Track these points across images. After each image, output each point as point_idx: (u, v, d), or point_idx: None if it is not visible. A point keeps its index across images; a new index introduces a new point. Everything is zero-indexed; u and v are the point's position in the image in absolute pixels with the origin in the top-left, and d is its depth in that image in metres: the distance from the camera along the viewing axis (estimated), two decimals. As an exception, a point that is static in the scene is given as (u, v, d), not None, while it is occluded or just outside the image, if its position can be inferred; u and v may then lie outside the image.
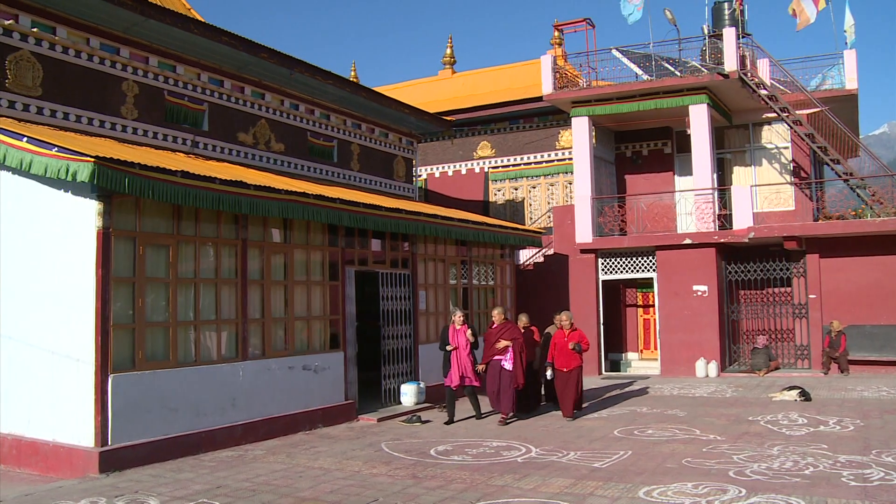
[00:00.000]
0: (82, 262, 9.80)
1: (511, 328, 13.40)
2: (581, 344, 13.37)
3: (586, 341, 13.56)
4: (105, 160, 9.20)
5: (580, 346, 13.33)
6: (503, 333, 13.14)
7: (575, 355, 13.38)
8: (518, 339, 13.16)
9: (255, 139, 15.82)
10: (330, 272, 13.75)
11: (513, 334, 13.19)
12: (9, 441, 10.36)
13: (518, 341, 13.13)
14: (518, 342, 13.12)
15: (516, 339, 13.12)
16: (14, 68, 11.54)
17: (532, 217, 24.71)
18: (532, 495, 8.08)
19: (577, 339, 13.42)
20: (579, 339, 13.46)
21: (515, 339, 13.11)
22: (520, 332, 13.45)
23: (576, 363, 13.40)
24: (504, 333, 13.14)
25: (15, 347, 10.47)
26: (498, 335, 13.15)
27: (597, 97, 21.11)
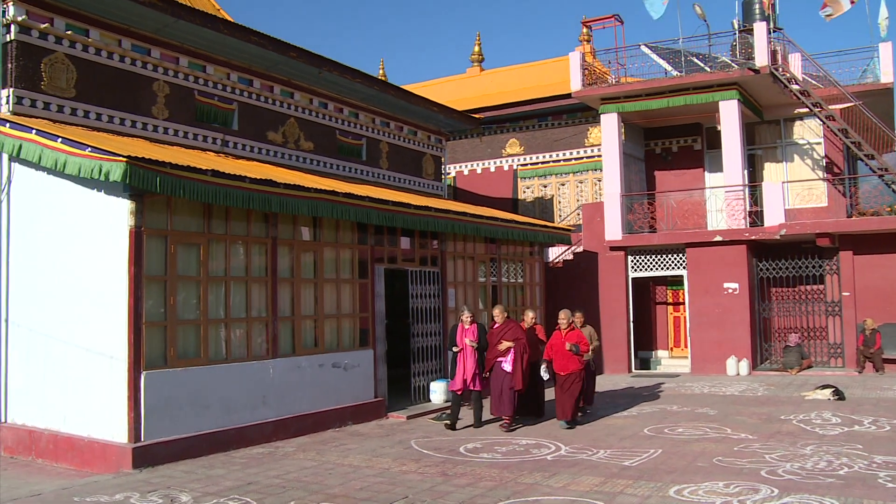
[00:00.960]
0: (115, 260, 9.92)
1: (513, 328, 12.63)
2: (579, 345, 12.39)
3: (585, 342, 12.60)
4: (137, 160, 9.31)
5: (578, 348, 12.33)
6: (505, 334, 12.46)
7: (573, 358, 12.34)
8: (520, 339, 12.44)
9: (284, 138, 15.90)
10: (359, 270, 13.79)
11: (515, 334, 12.48)
12: (45, 436, 10.53)
13: (520, 342, 12.40)
14: (520, 343, 12.40)
15: (518, 339, 12.43)
16: (49, 71, 11.70)
17: (561, 214, 24.62)
18: (561, 493, 8.07)
19: (576, 340, 12.43)
20: (577, 339, 12.48)
21: (517, 339, 12.42)
22: (522, 332, 12.66)
23: (574, 366, 12.33)
24: (506, 334, 12.46)
25: (51, 345, 10.64)
26: (500, 336, 12.48)
27: (626, 94, 20.99)
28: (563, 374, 12.32)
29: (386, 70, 30.66)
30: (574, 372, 12.29)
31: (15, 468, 10.18)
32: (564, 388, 12.31)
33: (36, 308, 10.96)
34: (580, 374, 12.38)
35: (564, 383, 12.32)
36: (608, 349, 20.64)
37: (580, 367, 12.37)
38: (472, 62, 30.07)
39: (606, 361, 20.68)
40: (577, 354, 12.33)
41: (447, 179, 22.76)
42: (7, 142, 10.61)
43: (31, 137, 10.26)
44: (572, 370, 12.29)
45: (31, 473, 9.81)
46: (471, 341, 12.37)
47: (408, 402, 14.67)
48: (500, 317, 12.72)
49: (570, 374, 12.29)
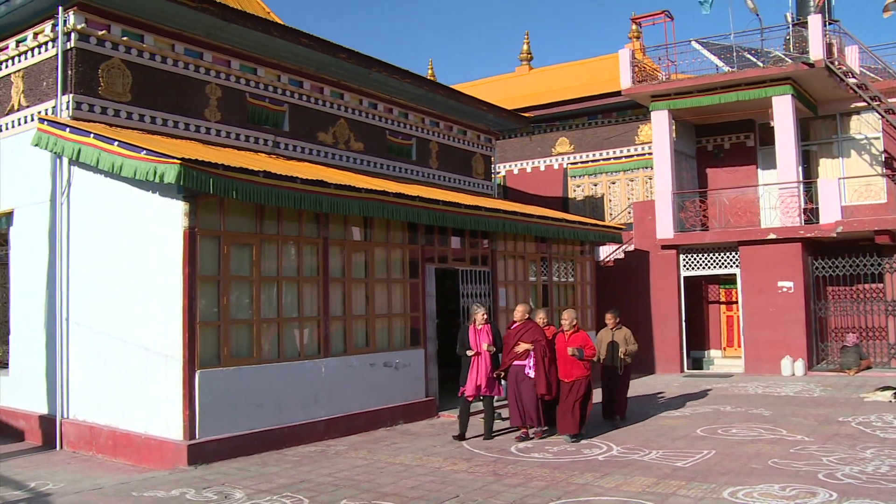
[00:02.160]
0: (170, 261, 10.09)
1: (533, 329, 11.48)
2: (584, 349, 11.28)
3: (590, 346, 11.45)
4: (191, 162, 9.46)
5: (581, 352, 11.22)
6: (523, 335, 11.40)
7: (576, 363, 11.28)
8: (540, 341, 11.32)
9: (334, 138, 16.03)
10: (410, 270, 13.84)
11: (534, 336, 11.37)
12: (105, 432, 10.78)
13: (540, 344, 11.30)
14: (540, 345, 11.29)
15: (538, 341, 11.31)
16: (106, 76, 11.96)
17: (612, 213, 24.43)
18: (613, 494, 8.00)
19: (579, 344, 11.33)
20: (581, 343, 11.35)
21: (537, 341, 11.31)
22: (542, 333, 11.47)
23: (578, 373, 11.27)
24: (524, 335, 11.39)
25: (110, 343, 10.88)
26: (517, 337, 11.45)
27: (676, 90, 20.72)
28: (568, 381, 11.30)
29: (435, 70, 30.72)
30: (579, 379, 11.26)
31: (77, 462, 10.45)
32: (568, 398, 11.23)
33: (95, 307, 11.21)
34: (586, 380, 11.32)
35: (569, 392, 11.27)
36: (660, 348, 20.44)
37: (586, 373, 11.33)
38: (521, 61, 29.99)
39: (658, 361, 20.48)
40: (580, 360, 11.27)
41: (497, 179, 22.70)
42: (67, 146, 10.87)
43: (90, 141, 10.50)
44: (577, 376, 11.27)
45: (92, 468, 10.06)
46: (488, 345, 11.54)
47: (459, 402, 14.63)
48: (521, 316, 11.67)
49: (575, 382, 11.26)
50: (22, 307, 12.69)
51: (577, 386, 11.24)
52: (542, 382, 11.23)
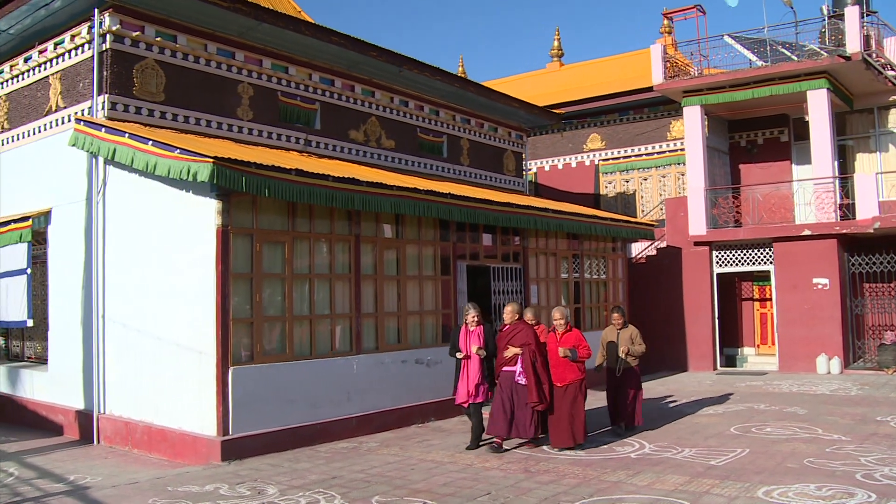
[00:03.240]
0: (203, 258, 10.19)
1: (523, 330, 10.39)
2: (577, 350, 10.27)
3: (585, 346, 10.34)
4: (223, 160, 9.54)
5: (574, 353, 10.23)
6: (513, 337, 10.37)
7: (570, 366, 10.28)
8: (529, 344, 10.23)
9: (365, 136, 16.08)
10: (441, 267, 13.85)
11: (524, 338, 10.29)
12: (140, 427, 10.92)
13: (529, 347, 10.22)
14: (529, 348, 10.21)
15: (527, 344, 10.22)
16: (140, 76, 12.10)
17: (644, 209, 24.26)
18: (646, 492, 7.95)
19: (573, 344, 10.32)
20: (575, 342, 10.34)
21: (526, 344, 10.23)
22: (533, 336, 10.38)
23: (572, 376, 10.27)
24: (514, 338, 10.36)
25: (144, 340, 11.01)
26: (507, 340, 10.41)
27: (709, 85, 20.51)
28: (560, 385, 10.29)
29: (465, 67, 30.71)
30: (573, 383, 10.26)
31: (114, 457, 10.60)
32: (561, 405, 10.24)
33: (130, 305, 11.36)
34: (581, 385, 10.30)
35: (563, 398, 10.26)
36: (692, 346, 20.29)
37: (581, 376, 10.30)
38: (552, 57, 29.86)
39: (690, 358, 20.31)
40: (574, 362, 10.27)
41: (528, 175, 22.65)
42: (103, 146, 11.01)
43: (124, 141, 10.62)
44: (570, 380, 10.27)
45: (128, 462, 10.20)
46: (479, 348, 10.54)
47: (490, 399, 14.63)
48: (510, 317, 10.63)
49: (569, 387, 10.27)
50: (59, 304, 12.90)
51: (572, 391, 10.24)
52: (533, 391, 10.12)
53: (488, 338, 10.71)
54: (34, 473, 9.69)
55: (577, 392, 10.27)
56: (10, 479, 9.39)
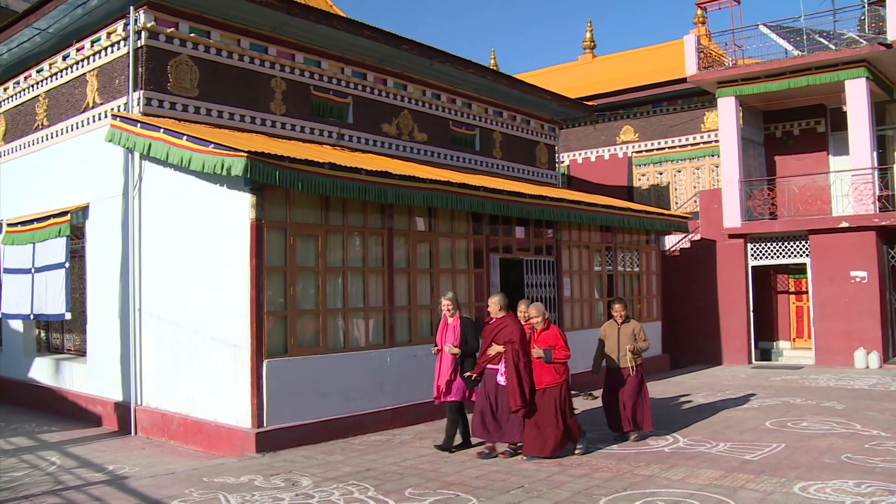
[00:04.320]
0: (237, 252, 10.28)
1: (508, 326, 9.47)
2: (552, 350, 9.36)
3: (561, 346, 9.39)
4: (257, 155, 9.60)
5: (550, 354, 9.33)
6: (498, 333, 9.51)
7: (546, 367, 9.36)
8: (513, 342, 9.31)
9: (398, 130, 16.11)
10: (474, 260, 13.85)
11: (508, 335, 9.38)
12: (176, 419, 11.05)
13: (513, 345, 9.30)
14: (512, 346, 9.30)
15: (511, 342, 9.33)
16: (174, 72, 12.21)
17: (677, 202, 24.05)
18: (680, 486, 7.89)
19: (548, 344, 9.42)
20: (551, 342, 9.43)
21: (510, 342, 9.34)
22: (518, 332, 9.39)
23: (548, 379, 9.34)
24: (499, 334, 9.49)
25: (179, 333, 11.14)
26: (492, 336, 9.58)
27: (744, 76, 20.24)
28: (537, 388, 9.40)
29: (497, 60, 30.62)
30: (549, 387, 9.34)
31: (151, 448, 10.75)
32: (537, 410, 9.35)
33: (166, 298, 11.49)
34: (559, 389, 9.38)
35: (539, 402, 9.36)
36: (727, 339, 20.10)
37: (559, 379, 9.37)
38: (584, 49, 29.69)
39: (725, 352, 20.13)
40: (548, 363, 9.37)
41: (561, 168, 22.55)
42: (139, 141, 11.14)
43: (160, 136, 10.73)
44: (547, 384, 9.35)
45: (165, 453, 10.33)
46: (452, 347, 9.78)
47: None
48: (495, 310, 9.70)
49: (546, 391, 9.35)
50: (97, 298, 13.08)
51: (552, 395, 9.32)
52: (513, 394, 9.23)
53: (466, 332, 9.88)
54: (75, 463, 9.87)
55: (555, 397, 9.31)
56: (53, 468, 9.58)
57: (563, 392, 9.39)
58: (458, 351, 9.73)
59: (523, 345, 9.39)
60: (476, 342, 9.87)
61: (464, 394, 9.86)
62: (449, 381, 9.80)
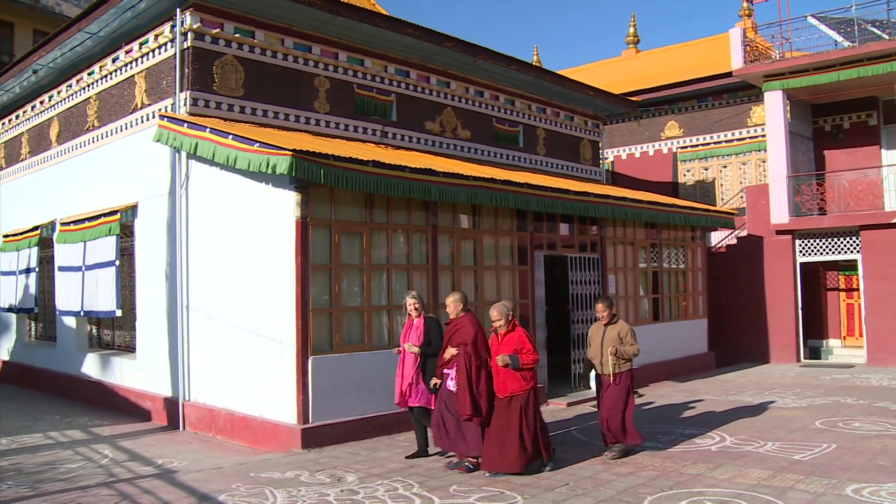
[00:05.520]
0: (283, 250, 10.37)
1: (463, 327, 8.80)
2: (519, 355, 8.45)
3: (528, 350, 8.50)
4: (302, 153, 9.67)
5: (516, 360, 8.42)
6: (453, 335, 8.85)
7: (511, 374, 8.49)
8: (466, 344, 8.65)
9: (441, 127, 16.12)
10: (519, 257, 13.81)
11: (462, 336, 8.72)
12: (223, 415, 11.19)
13: (465, 348, 8.63)
14: (465, 349, 8.63)
15: (464, 344, 8.67)
16: (220, 72, 12.36)
17: (723, 198, 23.74)
18: (727, 486, 7.80)
19: (513, 348, 8.52)
20: (517, 346, 8.53)
21: (463, 344, 8.68)
22: (472, 333, 8.70)
23: (514, 386, 8.49)
24: (454, 335, 8.84)
25: (226, 330, 11.27)
26: (449, 337, 8.94)
27: (791, 69, 19.89)
28: (501, 396, 8.59)
29: (540, 56, 30.50)
30: (515, 395, 8.49)
31: (198, 443, 10.90)
32: (499, 420, 8.52)
33: (212, 295, 11.63)
34: (526, 396, 8.52)
35: (504, 411, 8.53)
36: (774, 337, 19.79)
37: (525, 386, 8.51)
38: (628, 44, 29.46)
39: (773, 350, 19.83)
40: (516, 370, 8.48)
41: (605, 164, 22.39)
42: (186, 141, 11.29)
43: (206, 136, 10.86)
44: (512, 391, 8.50)
45: (212, 448, 10.47)
46: (412, 345, 9.25)
47: (568, 389, 14.60)
48: (453, 310, 9.02)
49: (512, 399, 8.51)
50: (146, 295, 13.30)
51: (517, 406, 8.48)
52: (464, 401, 8.54)
53: (430, 333, 9.32)
54: (126, 456, 10.05)
55: (522, 406, 8.47)
56: (105, 461, 9.77)
57: (531, 400, 8.56)
58: (418, 350, 9.16)
59: (477, 347, 8.68)
60: (440, 344, 9.16)
61: (428, 399, 9.22)
62: (411, 384, 9.25)
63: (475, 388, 8.54)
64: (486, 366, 8.68)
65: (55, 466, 9.53)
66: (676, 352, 17.60)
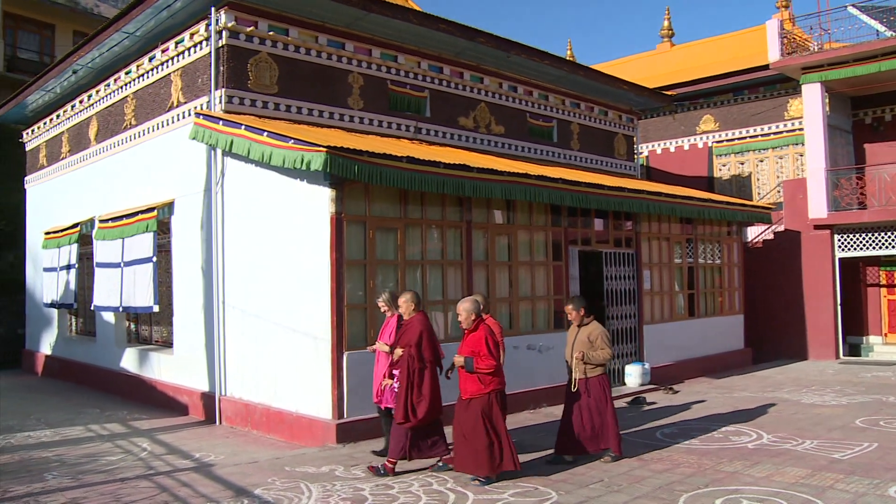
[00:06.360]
0: (318, 246, 10.42)
1: (411, 327, 8.59)
2: (475, 357, 8.05)
3: (485, 353, 8.03)
4: (336, 149, 9.71)
5: (470, 362, 8.05)
6: (402, 336, 8.65)
7: (469, 376, 8.13)
8: (410, 345, 8.47)
9: (475, 122, 16.10)
10: (553, 252, 13.77)
11: (408, 338, 8.53)
12: (259, 409, 11.29)
13: (409, 349, 8.46)
14: (408, 351, 8.47)
15: (409, 345, 8.48)
16: (255, 70, 12.45)
17: (760, 192, 23.46)
18: (765, 484, 7.72)
19: (470, 350, 8.13)
20: (474, 347, 8.11)
21: (408, 345, 8.48)
22: (416, 334, 8.49)
23: (472, 388, 8.12)
24: (402, 336, 8.65)
25: (261, 325, 11.36)
26: (398, 337, 8.76)
27: (830, 61, 19.56)
28: (463, 398, 8.26)
29: (574, 51, 30.35)
30: (474, 397, 8.12)
31: (235, 437, 11.01)
32: (461, 422, 8.20)
33: (248, 291, 11.73)
34: (486, 399, 8.09)
35: (462, 413, 8.21)
36: (813, 334, 19.52)
37: (483, 389, 8.07)
38: (662, 38, 29.20)
39: (811, 347, 19.56)
40: (470, 372, 8.11)
41: (640, 159, 22.22)
42: (221, 138, 11.39)
43: (241, 133, 10.95)
44: (472, 394, 8.13)
45: (248, 443, 10.57)
46: (383, 344, 9.09)
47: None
48: (405, 309, 8.80)
49: (471, 402, 8.15)
50: (183, 291, 13.45)
51: (474, 407, 8.10)
52: (399, 404, 8.41)
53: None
54: (164, 450, 10.19)
55: (483, 410, 8.06)
56: (144, 454, 9.92)
57: (492, 404, 8.14)
58: (388, 348, 8.90)
59: (420, 349, 8.45)
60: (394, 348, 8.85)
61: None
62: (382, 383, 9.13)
63: (413, 391, 8.38)
64: (431, 368, 8.50)
65: (96, 458, 9.70)
66: (712, 348, 17.45)
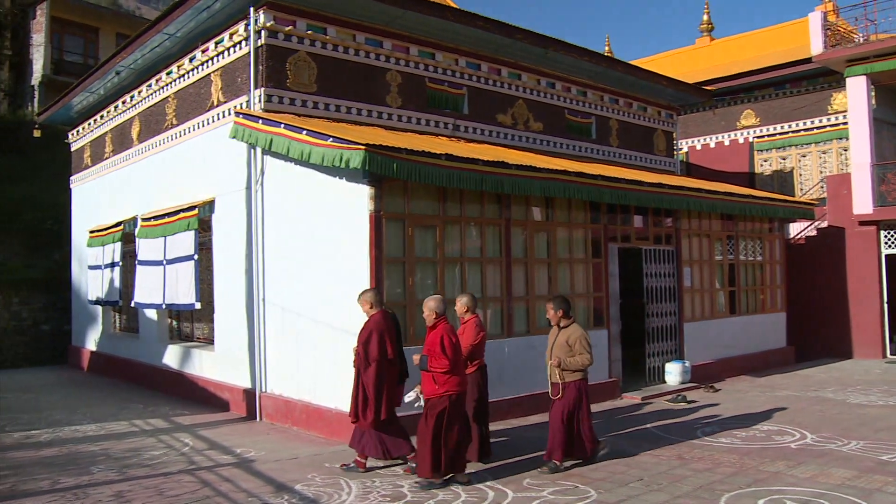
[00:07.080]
0: (357, 243, 10.46)
1: (364, 327, 8.69)
2: (429, 357, 7.94)
3: (437, 353, 7.88)
4: (375, 147, 9.74)
5: (425, 361, 7.97)
6: (359, 334, 8.75)
7: (425, 375, 8.05)
8: (359, 344, 8.60)
9: (513, 119, 16.05)
10: (592, 249, 13.69)
11: (361, 336, 8.61)
12: (299, 406, 11.37)
13: (357, 348, 8.66)
14: (357, 350, 8.66)
15: (358, 343, 8.64)
16: (293, 69, 12.53)
17: (802, 188, 23.10)
18: (808, 485, 7.60)
19: (427, 348, 8.04)
20: (429, 347, 8.01)
21: (359, 343, 8.62)
22: (365, 333, 8.58)
23: (428, 389, 8.04)
24: (359, 335, 8.73)
25: (300, 322, 11.44)
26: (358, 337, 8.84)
27: (876, 53, 19.16)
28: (425, 398, 8.16)
29: (612, 46, 30.11)
30: (430, 398, 8.02)
31: (275, 433, 11.10)
32: (421, 422, 8.08)
33: (287, 288, 11.81)
34: (442, 402, 7.92)
35: (427, 415, 8.04)
36: (857, 332, 19.18)
37: (439, 391, 7.90)
38: (702, 32, 28.88)
39: (856, 345, 19.21)
40: (425, 371, 8.00)
41: (679, 155, 22.00)
42: (261, 137, 11.48)
43: (280, 131, 11.03)
44: (428, 394, 8.03)
45: (289, 439, 10.65)
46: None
47: (643, 383, 14.41)
48: (365, 310, 8.88)
49: (427, 402, 8.05)
50: (224, 289, 13.58)
51: (432, 408, 7.97)
52: (352, 403, 8.69)
53: None
54: (205, 445, 10.30)
55: (436, 412, 7.90)
56: (186, 449, 10.05)
57: (447, 407, 7.90)
58: None
59: (367, 347, 8.44)
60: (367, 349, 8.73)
61: None
62: None
63: (361, 390, 8.52)
64: (378, 367, 8.43)
65: (140, 453, 9.84)
66: (754, 346, 17.23)
